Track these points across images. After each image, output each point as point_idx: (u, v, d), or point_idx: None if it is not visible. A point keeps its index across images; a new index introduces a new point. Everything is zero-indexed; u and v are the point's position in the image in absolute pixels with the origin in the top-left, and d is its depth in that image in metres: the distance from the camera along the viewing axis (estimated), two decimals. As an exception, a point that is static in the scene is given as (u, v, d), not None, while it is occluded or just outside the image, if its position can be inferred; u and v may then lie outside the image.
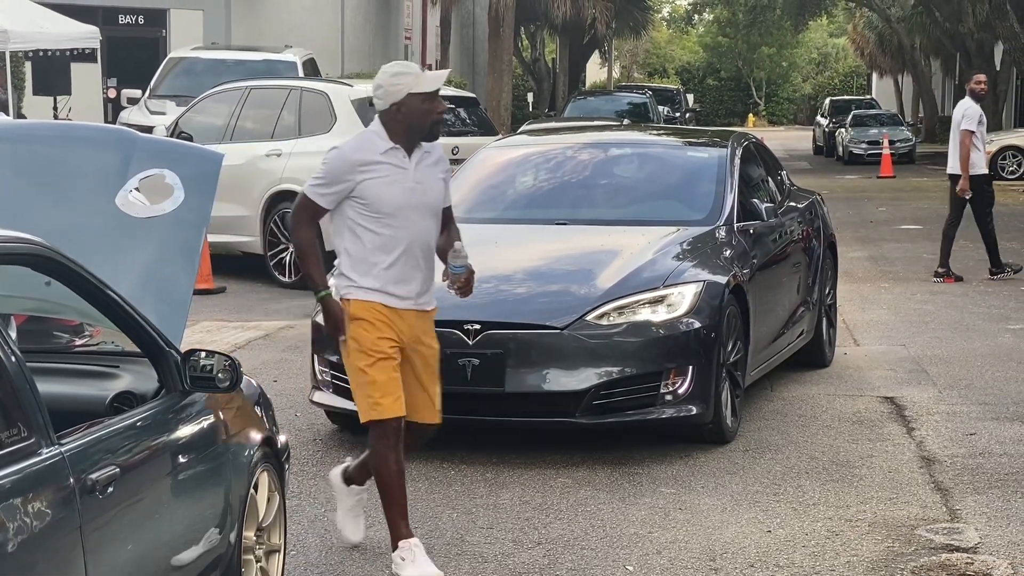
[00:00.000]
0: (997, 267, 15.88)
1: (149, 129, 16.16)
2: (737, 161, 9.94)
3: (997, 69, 42.09)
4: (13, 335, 5.14)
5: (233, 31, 31.21)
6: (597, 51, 62.73)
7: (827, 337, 11.00)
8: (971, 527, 6.99)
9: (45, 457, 4.07)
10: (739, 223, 9.41)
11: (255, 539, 5.46)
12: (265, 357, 11.07)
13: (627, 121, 28.36)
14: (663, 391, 8.12)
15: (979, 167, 15.71)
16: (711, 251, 8.94)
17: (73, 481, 4.13)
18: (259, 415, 5.64)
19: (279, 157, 15.08)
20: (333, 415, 8.75)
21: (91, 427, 4.45)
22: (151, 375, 5.09)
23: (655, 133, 13.36)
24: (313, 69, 23.41)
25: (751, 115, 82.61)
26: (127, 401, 5.13)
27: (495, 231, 9.22)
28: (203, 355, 5.02)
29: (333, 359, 8.38)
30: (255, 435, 5.48)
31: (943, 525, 7.02)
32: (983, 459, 8.24)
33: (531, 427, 8.30)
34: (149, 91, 22.68)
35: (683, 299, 8.28)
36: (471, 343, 7.96)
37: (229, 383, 5.02)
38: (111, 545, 4.33)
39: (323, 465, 8.05)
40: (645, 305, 8.23)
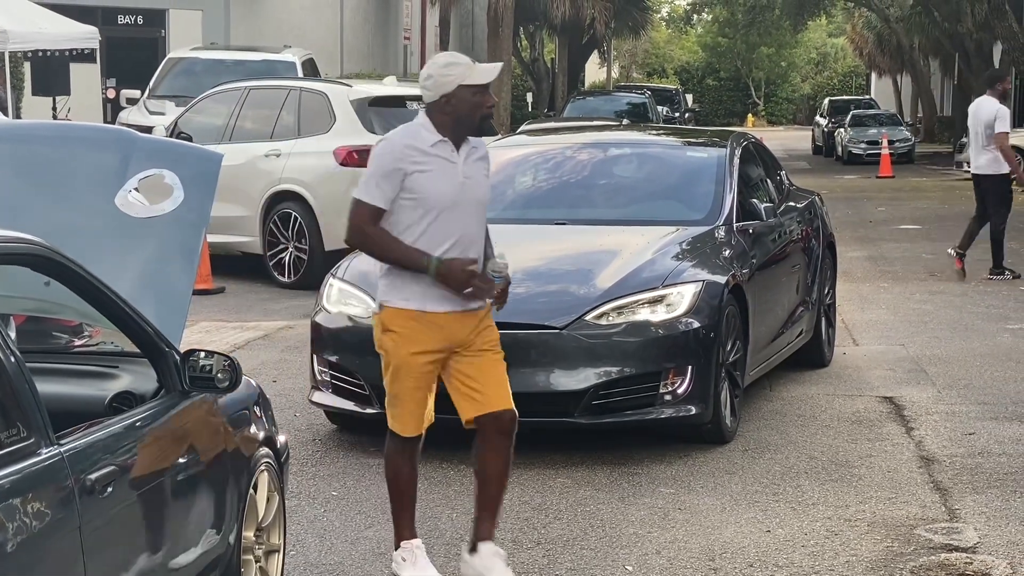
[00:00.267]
0: (997, 268, 15.87)
1: (148, 129, 16.14)
2: (736, 161, 9.94)
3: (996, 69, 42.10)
4: (12, 335, 5.14)
5: (232, 31, 31.23)
6: (596, 51, 62.67)
7: (826, 337, 11.00)
8: (970, 527, 6.99)
9: (44, 457, 4.07)
10: (738, 223, 9.41)
11: (254, 539, 5.46)
12: (264, 357, 11.07)
13: (626, 121, 28.36)
14: (662, 391, 8.12)
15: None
16: (710, 251, 8.94)
17: (72, 481, 4.12)
18: (258, 415, 5.64)
19: (278, 157, 15.07)
20: (332, 415, 8.75)
21: (90, 427, 4.44)
22: (150, 375, 5.09)
23: (654, 133, 13.36)
24: (312, 69, 23.41)
25: (750, 115, 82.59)
26: (126, 401, 5.13)
27: (494, 231, 9.14)
28: (202, 355, 5.02)
29: (332, 359, 8.38)
30: (255, 435, 5.48)
31: (942, 525, 7.02)
32: (982, 459, 8.24)
33: (530, 427, 8.26)
34: (148, 91, 22.67)
35: (682, 299, 8.28)
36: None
37: (228, 383, 5.02)
38: (110, 545, 4.33)
39: (322, 465, 8.05)
40: (644, 305, 8.22)
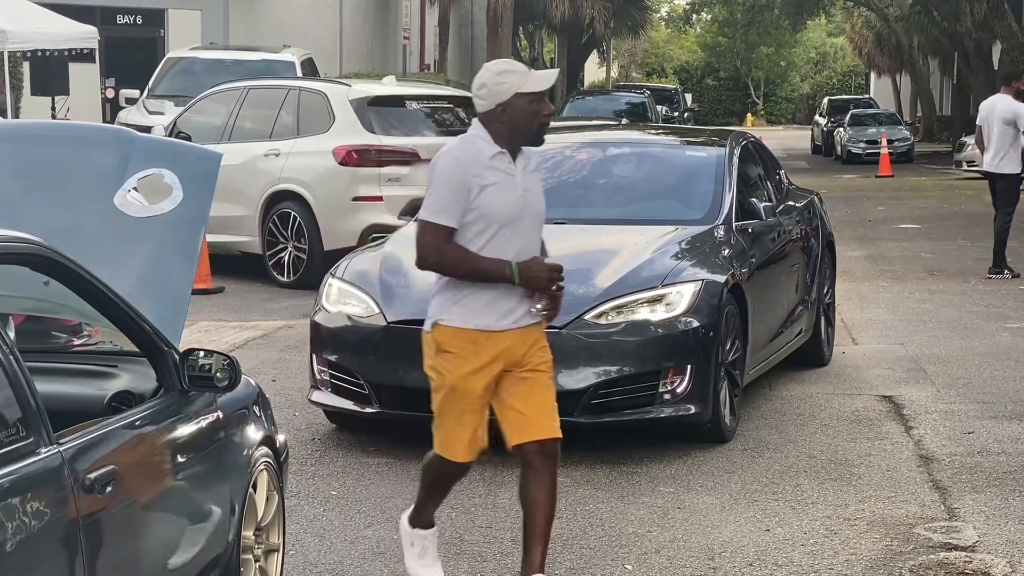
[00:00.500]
0: (997, 267, 15.87)
1: (147, 129, 16.16)
2: (736, 160, 9.94)
3: (995, 68, 42.07)
4: (11, 335, 5.14)
5: (231, 31, 31.22)
6: (595, 51, 62.73)
7: (825, 336, 11.00)
8: (969, 525, 6.99)
9: (43, 457, 4.07)
10: (738, 222, 9.41)
11: (254, 538, 5.46)
12: (264, 357, 11.07)
13: (625, 121, 28.35)
14: (661, 390, 8.12)
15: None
16: (709, 250, 8.94)
17: (71, 481, 4.12)
18: (257, 414, 5.64)
19: (277, 157, 15.06)
20: (331, 415, 8.75)
21: (89, 427, 4.44)
22: (150, 375, 5.09)
23: (654, 132, 13.36)
24: (311, 69, 23.40)
25: (749, 115, 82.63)
26: (125, 400, 5.14)
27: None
28: (202, 354, 5.02)
29: (331, 359, 8.38)
30: (254, 435, 5.48)
31: (941, 523, 7.03)
32: (981, 458, 8.24)
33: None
34: (147, 91, 22.65)
35: (681, 298, 8.28)
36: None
37: (228, 382, 5.02)
38: (109, 544, 4.33)
39: (322, 464, 8.06)
40: (643, 304, 8.22)
